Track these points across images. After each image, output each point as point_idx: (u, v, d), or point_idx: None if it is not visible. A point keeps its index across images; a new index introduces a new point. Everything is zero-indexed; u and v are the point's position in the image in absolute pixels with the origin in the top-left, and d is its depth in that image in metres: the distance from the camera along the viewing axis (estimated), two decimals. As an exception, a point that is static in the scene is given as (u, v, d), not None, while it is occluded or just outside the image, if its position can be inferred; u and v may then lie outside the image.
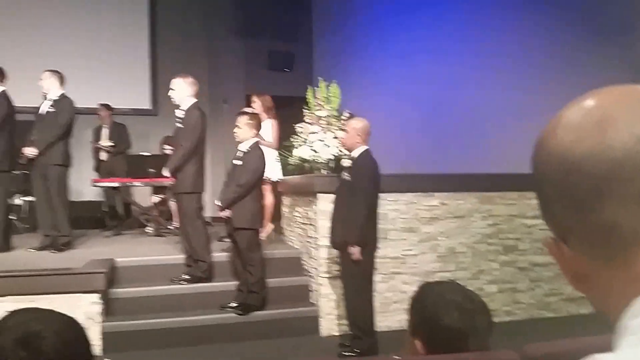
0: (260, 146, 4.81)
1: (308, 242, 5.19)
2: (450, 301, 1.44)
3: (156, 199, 7.37)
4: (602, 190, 0.53)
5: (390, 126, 7.00)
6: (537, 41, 6.06)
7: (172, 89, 4.80)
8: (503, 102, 6.12)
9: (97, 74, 9.01)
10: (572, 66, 5.72)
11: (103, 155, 7.71)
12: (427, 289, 1.51)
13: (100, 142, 7.74)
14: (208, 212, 6.50)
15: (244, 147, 4.69)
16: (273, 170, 5.72)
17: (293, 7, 9.73)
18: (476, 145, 6.19)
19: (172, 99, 4.82)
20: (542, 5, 6.01)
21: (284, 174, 5.84)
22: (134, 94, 9.37)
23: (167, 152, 7.62)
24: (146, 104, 9.57)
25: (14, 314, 1.10)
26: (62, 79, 5.61)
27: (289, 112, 6.70)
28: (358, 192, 3.97)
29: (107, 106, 7.94)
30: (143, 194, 7.76)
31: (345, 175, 4.14)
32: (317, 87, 5.24)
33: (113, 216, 8.18)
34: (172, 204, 7.32)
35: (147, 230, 7.07)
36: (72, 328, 1.11)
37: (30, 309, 1.13)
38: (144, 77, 9.60)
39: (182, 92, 4.77)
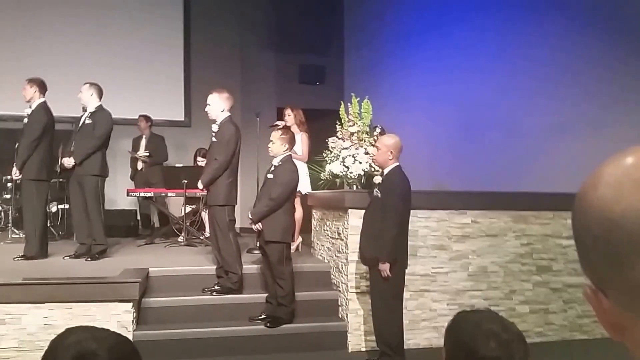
0: (293, 160, 4.86)
1: (337, 256, 5.19)
2: (486, 330, 1.42)
3: (188, 209, 7.47)
4: None
5: (422, 142, 7.00)
6: (572, 60, 5.97)
7: (208, 104, 4.89)
8: (538, 121, 6.04)
9: (132, 85, 9.26)
10: (606, 86, 5.62)
11: (139, 165, 7.90)
12: (462, 318, 1.50)
13: (137, 153, 7.93)
14: (238, 223, 6.58)
15: (276, 161, 4.75)
16: (303, 183, 5.76)
17: (324, 22, 9.85)
18: (510, 164, 6.12)
19: (208, 114, 4.91)
20: (578, 26, 5.93)
21: (315, 188, 5.87)
22: (168, 106, 9.58)
23: (201, 164, 7.77)
24: (180, 116, 9.76)
25: (69, 332, 1.14)
26: (100, 92, 5.75)
27: (319, 125, 6.76)
28: (389, 209, 3.98)
29: (146, 117, 8.15)
30: (176, 205, 7.89)
31: (377, 192, 4.15)
32: (350, 102, 5.27)
33: (146, 225, 8.37)
34: (204, 215, 7.45)
35: (179, 240, 7.17)
36: (125, 347, 1.15)
37: (85, 328, 1.17)
38: (178, 89, 9.82)
39: (218, 107, 4.87)
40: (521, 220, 5.12)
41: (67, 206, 7.72)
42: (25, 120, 5.60)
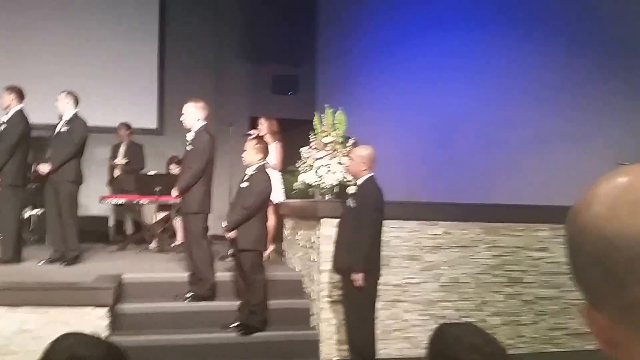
0: (267, 169, 4.90)
1: (309, 265, 5.23)
2: (468, 344, 1.42)
3: (160, 216, 7.44)
4: (635, 267, 0.55)
5: (394, 153, 7.09)
6: (548, 73, 6.13)
7: (183, 113, 4.93)
8: (510, 133, 6.20)
9: (106, 93, 9.19)
10: (582, 100, 5.80)
11: (116, 172, 7.87)
12: (445, 331, 1.51)
13: (115, 160, 7.91)
14: (210, 231, 6.59)
15: (250, 170, 4.79)
16: (276, 192, 5.80)
17: (297, 33, 9.97)
18: (482, 175, 6.25)
19: (183, 123, 4.93)
20: (558, 40, 6.10)
21: (288, 197, 5.91)
22: (141, 114, 9.52)
23: (173, 171, 7.75)
24: (153, 124, 9.73)
25: (61, 338, 1.17)
26: (76, 100, 5.81)
27: (292, 134, 6.84)
28: (363, 219, 4.04)
29: (126, 125, 8.14)
30: (149, 212, 7.84)
31: (350, 202, 4.20)
32: (323, 113, 5.33)
33: (119, 231, 8.30)
34: (175, 222, 7.42)
35: (150, 247, 7.14)
36: (115, 354, 1.18)
37: (77, 334, 1.20)
38: (151, 97, 9.82)
39: (193, 116, 4.91)
40: (492, 231, 5.22)
41: (39, 211, 7.63)
42: (2, 127, 5.61)
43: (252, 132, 6.41)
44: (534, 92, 6.26)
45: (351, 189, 4.30)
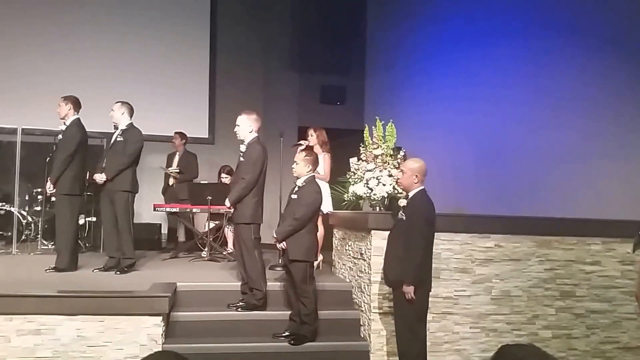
0: (317, 181, 4.96)
1: (359, 276, 5.26)
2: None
3: (212, 225, 7.60)
4: None
5: (440, 165, 7.06)
6: (595, 83, 6.03)
7: (237, 125, 5.04)
8: (562, 145, 6.08)
9: (159, 102, 9.55)
10: (632, 109, 5.66)
11: (171, 181, 8.11)
12: (507, 352, 1.54)
13: (169, 169, 8.15)
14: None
15: (300, 181, 4.86)
16: (325, 202, 5.85)
17: (346, 43, 10.08)
18: (534, 188, 6.16)
19: (237, 134, 5.05)
20: (604, 47, 5.98)
21: (337, 208, 5.96)
22: (192, 123, 9.81)
23: (225, 180, 7.92)
24: (204, 133, 9.98)
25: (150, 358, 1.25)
26: (131, 110, 5.94)
27: (339, 144, 6.90)
28: (414, 232, 4.05)
29: (181, 134, 8.38)
30: (201, 220, 8.04)
31: (402, 215, 4.22)
32: (373, 125, 5.36)
33: (172, 239, 8.53)
34: (227, 231, 7.58)
35: (202, 255, 7.30)
36: None
37: (166, 353, 1.27)
38: (203, 107, 10.10)
39: (246, 127, 5.01)
40: (545, 245, 5.14)
41: (94, 219, 7.93)
42: (60, 136, 5.81)
43: (302, 142, 6.49)
44: (586, 102, 6.14)
45: (402, 202, 4.30)
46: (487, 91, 7.18)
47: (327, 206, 6.10)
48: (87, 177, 6.19)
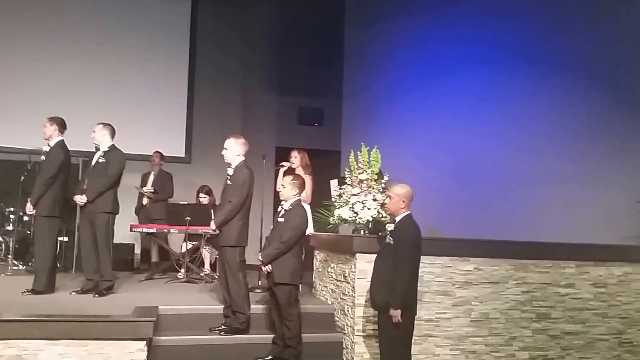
0: (303, 204, 5.02)
1: (343, 299, 5.30)
2: None
3: (189, 245, 7.55)
4: None
5: (421, 187, 7.18)
6: (573, 109, 6.29)
7: (225, 148, 5.07)
8: (537, 170, 6.30)
9: (135, 121, 9.46)
10: (606, 135, 5.92)
11: (144, 201, 8.02)
12: None
13: (143, 188, 8.06)
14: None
15: (287, 205, 4.92)
16: (307, 224, 5.90)
17: (325, 65, 10.25)
18: (510, 212, 6.34)
19: (224, 157, 5.08)
20: (577, 80, 6.27)
21: (321, 231, 6.01)
22: (169, 142, 9.76)
23: (203, 200, 7.89)
24: (180, 152, 9.94)
25: None
26: (113, 131, 5.88)
27: (317, 164, 6.98)
28: (402, 256, 4.13)
29: (160, 154, 8.30)
30: (176, 240, 7.96)
31: (389, 239, 4.30)
32: (353, 148, 5.47)
33: (145, 260, 8.41)
34: (204, 251, 7.54)
35: (178, 276, 7.22)
36: None
37: None
38: (180, 126, 10.05)
39: (234, 151, 5.05)
40: (521, 268, 5.31)
41: (66, 239, 7.77)
42: (43, 157, 5.73)
43: (284, 163, 6.54)
44: (560, 130, 6.40)
45: (390, 226, 4.39)
46: (464, 115, 7.39)
47: (308, 228, 6.14)
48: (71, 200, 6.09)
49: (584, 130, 6.15)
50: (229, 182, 5.05)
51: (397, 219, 4.33)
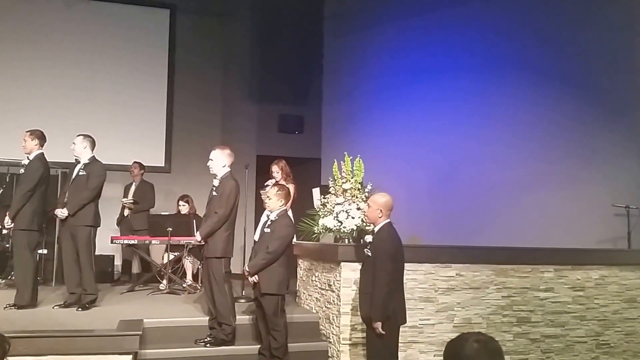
0: (289, 214, 5.06)
1: (328, 307, 5.35)
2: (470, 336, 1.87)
3: (171, 256, 7.51)
4: None
5: (400, 195, 7.28)
6: (551, 116, 6.46)
7: (211, 159, 5.08)
8: (515, 177, 6.45)
9: (114, 130, 9.38)
10: (585, 142, 6.10)
11: (126, 212, 7.95)
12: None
13: (123, 199, 8.01)
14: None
15: (273, 215, 4.95)
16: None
17: (304, 73, 10.30)
18: (491, 219, 6.46)
19: (210, 168, 5.09)
20: (557, 82, 6.44)
21: (305, 239, 6.05)
22: (149, 152, 9.69)
23: (182, 209, 7.87)
24: (160, 162, 9.88)
25: None
26: (93, 143, 5.83)
27: (297, 172, 7.03)
28: (378, 269, 4.11)
29: (140, 164, 8.25)
30: (158, 251, 7.93)
31: (367, 252, 4.32)
32: (334, 156, 5.53)
33: (126, 271, 8.33)
34: (186, 262, 7.51)
35: (160, 287, 7.18)
36: None
37: None
38: (159, 135, 9.99)
39: (220, 162, 5.07)
40: (502, 273, 5.42)
41: (45, 251, 7.66)
42: (22, 170, 5.67)
43: (268, 182, 6.57)
44: (534, 137, 6.56)
45: (368, 238, 4.41)
46: (443, 123, 7.51)
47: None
48: (52, 213, 6.03)
49: (558, 136, 6.32)
50: (214, 193, 5.06)
51: (376, 228, 4.33)
